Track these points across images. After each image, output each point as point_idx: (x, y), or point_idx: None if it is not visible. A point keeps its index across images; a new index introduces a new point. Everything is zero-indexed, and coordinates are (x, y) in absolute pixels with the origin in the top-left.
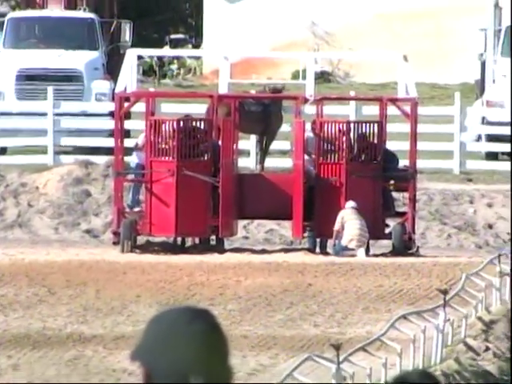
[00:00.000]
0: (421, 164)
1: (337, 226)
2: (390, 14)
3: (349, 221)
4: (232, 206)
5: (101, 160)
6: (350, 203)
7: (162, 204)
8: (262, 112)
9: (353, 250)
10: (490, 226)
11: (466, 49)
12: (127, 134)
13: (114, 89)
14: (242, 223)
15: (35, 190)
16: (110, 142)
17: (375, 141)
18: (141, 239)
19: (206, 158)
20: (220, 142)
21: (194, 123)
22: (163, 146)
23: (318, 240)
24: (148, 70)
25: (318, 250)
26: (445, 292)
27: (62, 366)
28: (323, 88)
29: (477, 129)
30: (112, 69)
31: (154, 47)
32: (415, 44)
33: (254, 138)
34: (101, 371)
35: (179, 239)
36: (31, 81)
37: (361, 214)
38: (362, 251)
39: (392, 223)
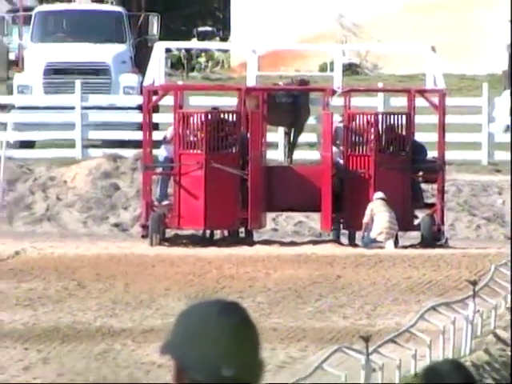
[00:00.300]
0: (449, 155)
1: (366, 219)
2: (417, 6)
3: (378, 213)
4: (261, 198)
5: (129, 153)
6: (379, 194)
7: (191, 197)
8: (291, 104)
9: (381, 242)
10: None
11: (493, 40)
12: (155, 127)
13: (142, 82)
14: (270, 215)
15: (63, 183)
16: (138, 136)
17: (403, 132)
18: (169, 232)
19: (234, 150)
20: (248, 135)
21: (222, 115)
22: (191, 138)
23: (345, 232)
24: (176, 63)
25: (346, 241)
26: (474, 283)
27: (92, 359)
28: (351, 80)
29: (505, 119)
30: (140, 62)
31: (182, 40)
32: (443, 35)
33: (281, 130)
34: (130, 364)
35: (208, 232)
36: (59, 74)
37: (390, 205)
38: (390, 243)
39: (421, 215)
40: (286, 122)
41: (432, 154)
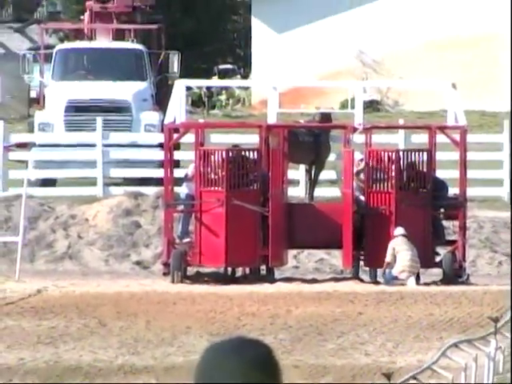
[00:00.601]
0: (470, 192)
1: (388, 258)
2: (437, 42)
3: (401, 251)
4: (282, 235)
5: (150, 191)
6: (400, 230)
7: (212, 234)
8: (312, 142)
9: (403, 280)
10: None
11: None
12: (177, 164)
13: (163, 120)
14: (292, 253)
15: (85, 221)
16: (159, 173)
17: (424, 169)
18: (191, 270)
19: (255, 187)
20: (270, 172)
21: (242, 153)
22: (212, 176)
23: (366, 269)
24: (197, 101)
25: (366, 278)
26: (496, 320)
27: None
28: (372, 117)
29: None
30: (161, 100)
31: (203, 78)
32: (464, 72)
33: (302, 167)
34: None
35: (229, 269)
36: (80, 112)
37: (411, 242)
38: (412, 280)
39: (442, 252)
40: (308, 159)
41: (453, 190)
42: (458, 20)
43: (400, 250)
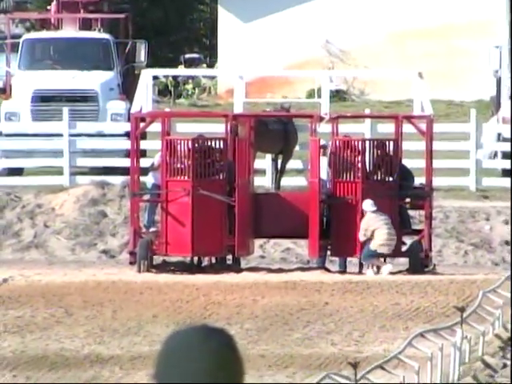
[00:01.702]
0: (437, 181)
1: (362, 238)
2: (404, 32)
3: (378, 228)
4: (248, 225)
5: (117, 180)
6: (369, 205)
7: (178, 224)
8: (281, 130)
9: (382, 255)
10: (507, 243)
11: (480, 66)
12: (143, 154)
13: (129, 109)
14: (258, 242)
15: (51, 210)
16: (125, 163)
17: (391, 159)
18: (157, 259)
19: (221, 177)
20: (236, 162)
21: (208, 142)
22: (178, 165)
23: (333, 259)
24: (163, 90)
25: (334, 268)
26: (462, 309)
27: None
28: (338, 106)
29: (492, 145)
30: (127, 89)
31: (169, 67)
32: (430, 62)
33: (269, 157)
34: None
35: (195, 259)
36: (47, 102)
37: (381, 212)
38: (387, 268)
39: (408, 241)
40: (276, 148)
41: (419, 180)
42: (422, 10)
43: (376, 226)
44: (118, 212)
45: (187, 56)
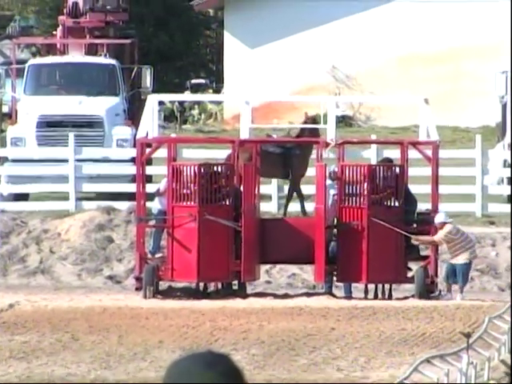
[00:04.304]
0: (443, 207)
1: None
2: (410, 58)
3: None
4: (254, 250)
5: (123, 206)
6: (444, 216)
7: (184, 249)
8: (281, 154)
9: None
10: None
11: (486, 91)
12: (149, 179)
13: (135, 135)
14: (264, 268)
15: (57, 236)
16: (131, 188)
17: (397, 184)
18: (163, 285)
19: (227, 202)
20: (241, 187)
21: (214, 168)
22: (185, 191)
23: (340, 284)
24: (169, 116)
25: (339, 294)
26: (468, 335)
27: None
28: (344, 132)
29: (498, 172)
30: (133, 114)
31: (175, 92)
32: (436, 87)
33: (275, 182)
34: None
35: (201, 284)
36: (52, 127)
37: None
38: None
39: (414, 267)
40: (278, 172)
41: (426, 205)
42: (428, 35)
43: (461, 240)
44: (123, 237)
45: (193, 81)
